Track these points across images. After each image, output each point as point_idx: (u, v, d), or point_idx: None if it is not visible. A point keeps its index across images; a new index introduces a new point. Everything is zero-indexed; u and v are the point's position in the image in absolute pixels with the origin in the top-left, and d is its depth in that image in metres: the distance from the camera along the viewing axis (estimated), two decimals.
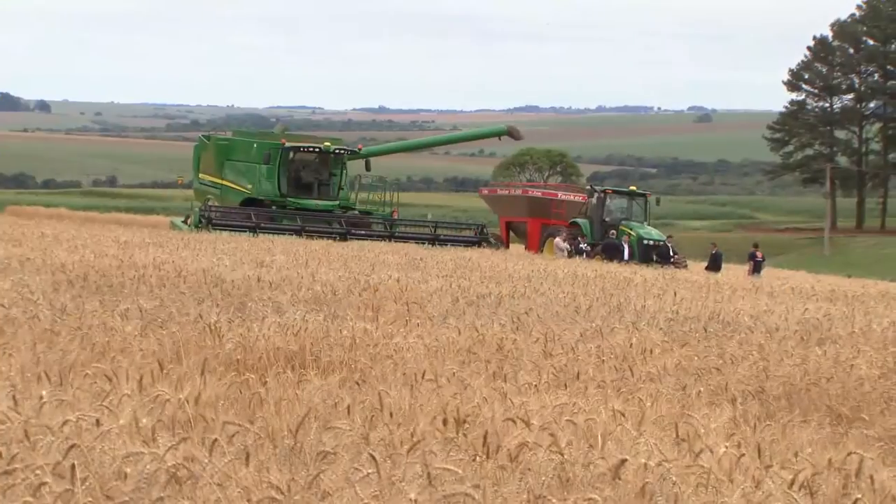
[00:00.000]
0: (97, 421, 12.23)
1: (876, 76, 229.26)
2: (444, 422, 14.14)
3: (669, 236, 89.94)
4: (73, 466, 9.99)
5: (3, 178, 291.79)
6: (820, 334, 27.07)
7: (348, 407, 14.71)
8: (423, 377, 17.59)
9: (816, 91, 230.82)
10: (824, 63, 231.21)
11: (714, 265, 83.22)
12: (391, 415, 14.46)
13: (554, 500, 10.40)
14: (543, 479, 11.47)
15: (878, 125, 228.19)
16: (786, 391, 19.17)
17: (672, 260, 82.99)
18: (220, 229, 73.46)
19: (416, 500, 9.72)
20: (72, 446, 10.64)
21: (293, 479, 10.41)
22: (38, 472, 9.75)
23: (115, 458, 10.60)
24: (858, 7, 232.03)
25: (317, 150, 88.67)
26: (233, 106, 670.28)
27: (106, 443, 11.19)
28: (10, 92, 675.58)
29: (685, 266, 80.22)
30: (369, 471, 10.88)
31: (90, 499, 9.20)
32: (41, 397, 13.43)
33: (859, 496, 11.56)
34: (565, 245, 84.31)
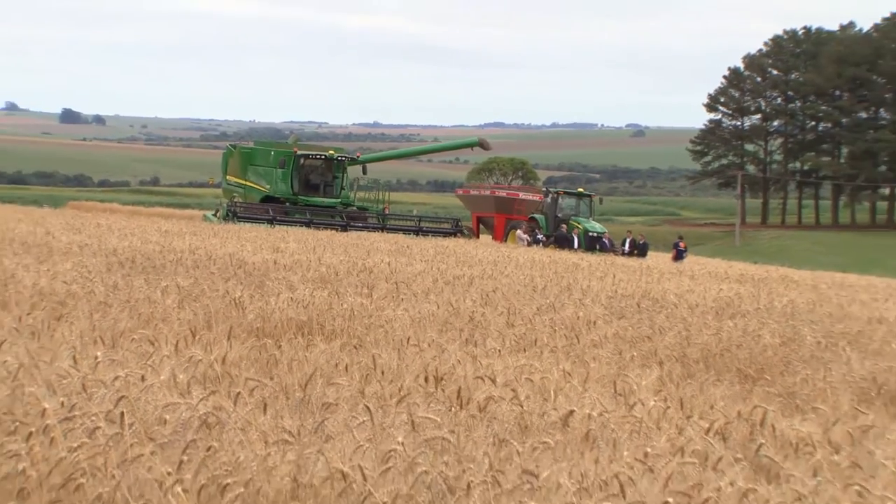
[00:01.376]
0: (142, 377, 12.21)
1: (778, 100, 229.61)
2: (426, 379, 14.12)
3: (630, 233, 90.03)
4: (122, 414, 9.96)
5: (66, 178, 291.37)
6: (732, 310, 27.08)
7: (347, 366, 14.69)
8: (408, 343, 17.57)
9: (730, 112, 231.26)
10: (737, 89, 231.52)
11: (641, 252, 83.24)
12: (382, 373, 14.45)
13: (515, 444, 10.38)
14: (506, 426, 11.46)
15: (779, 140, 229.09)
16: (703, 356, 19.16)
17: (611, 248, 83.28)
18: (244, 221, 73.41)
19: (402, 443, 9.70)
20: (121, 398, 10.62)
21: (302, 425, 10.40)
22: (93, 418, 9.71)
23: (156, 407, 10.58)
24: (765, 43, 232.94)
25: (323, 157, 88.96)
26: (254, 120, 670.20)
27: (149, 395, 11.17)
28: (72, 108, 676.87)
29: (617, 252, 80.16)
30: (364, 419, 10.86)
31: (136, 440, 9.16)
32: (96, 357, 13.38)
33: (763, 441, 11.57)
34: (525, 236, 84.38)
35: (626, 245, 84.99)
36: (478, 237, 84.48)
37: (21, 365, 12.17)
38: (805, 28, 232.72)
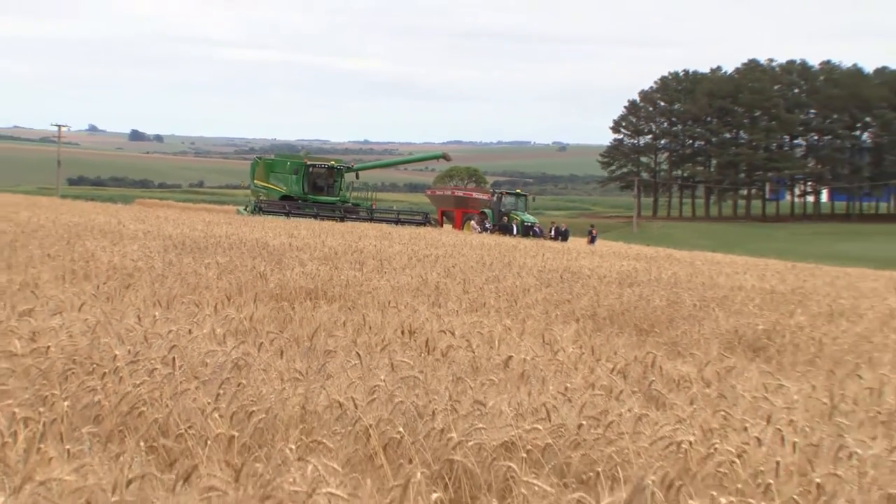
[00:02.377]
0: (189, 330, 12.15)
1: (665, 124, 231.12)
2: (402, 332, 14.09)
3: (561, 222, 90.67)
4: (173, 359, 9.93)
5: (134, 181, 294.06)
6: (630, 280, 27.09)
7: (343, 323, 14.65)
8: (389, 305, 17.53)
9: (629, 133, 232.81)
10: (634, 116, 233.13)
11: (563, 237, 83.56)
12: (370, 328, 14.41)
13: (468, 380, 10.35)
14: (462, 367, 11.43)
15: (665, 154, 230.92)
16: (609, 314, 19.17)
17: (541, 235, 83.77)
18: (267, 214, 73.77)
19: (384, 380, 9.67)
20: (173, 346, 10.56)
21: (309, 367, 10.36)
22: (152, 361, 9.67)
23: (199, 353, 10.53)
24: (655, 82, 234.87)
25: (326, 166, 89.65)
26: (275, 138, 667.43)
27: (194, 344, 11.12)
28: (138, 129, 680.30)
29: (546, 238, 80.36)
30: (356, 362, 10.83)
31: (184, 378, 9.12)
32: (155, 316, 13.32)
33: (653, 378, 11.55)
34: (477, 225, 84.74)
35: (553, 232, 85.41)
36: (442, 226, 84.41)
37: (98, 321, 12.11)
38: (685, 70, 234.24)
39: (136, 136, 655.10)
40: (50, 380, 9.13)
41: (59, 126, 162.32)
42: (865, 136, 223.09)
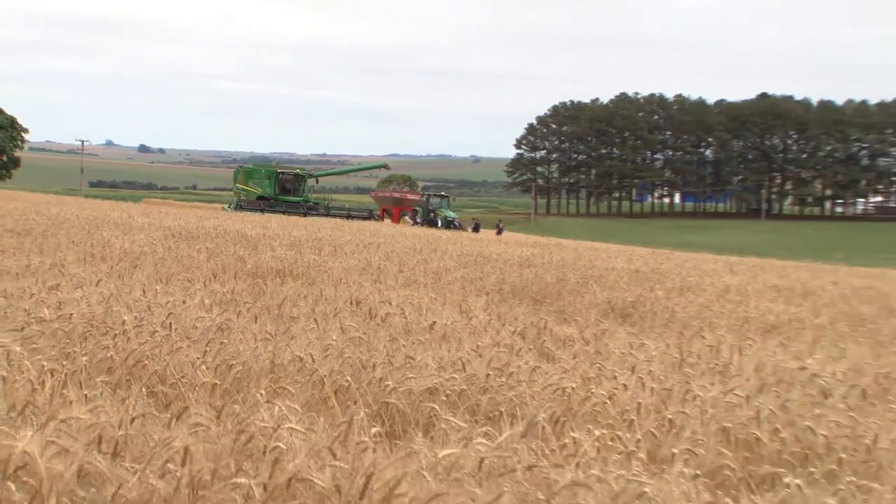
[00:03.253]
0: (183, 301, 12.04)
1: (556, 142, 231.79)
2: (351, 303, 14.03)
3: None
4: (170, 323, 9.82)
5: (141, 185, 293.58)
6: (528, 263, 27.09)
7: (305, 295, 14.55)
8: (340, 282, 17.44)
9: (528, 149, 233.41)
10: (533, 135, 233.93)
11: (475, 229, 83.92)
12: (325, 299, 14.33)
13: (401, 340, 10.31)
14: (397, 330, 11.39)
15: (556, 165, 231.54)
16: (511, 289, 19.16)
17: (459, 227, 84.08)
18: (246, 211, 73.67)
19: (335, 340, 9.62)
20: (170, 313, 10.46)
21: (277, 329, 10.28)
22: (153, 325, 9.58)
23: (191, 319, 10.42)
24: (548, 109, 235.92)
25: (292, 173, 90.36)
26: (253, 151, 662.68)
27: (187, 312, 11.01)
28: (145, 143, 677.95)
29: (464, 230, 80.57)
30: (314, 326, 10.76)
31: (178, 339, 9.02)
32: (156, 290, 13.20)
33: (545, 338, 11.57)
34: (410, 220, 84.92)
35: (472, 226, 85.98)
36: (383, 221, 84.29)
37: (111, 294, 12.00)
38: (571, 101, 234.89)
39: (143, 149, 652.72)
40: (72, 339, 9.04)
41: (83, 141, 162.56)
42: (708, 152, 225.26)
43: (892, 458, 7.01)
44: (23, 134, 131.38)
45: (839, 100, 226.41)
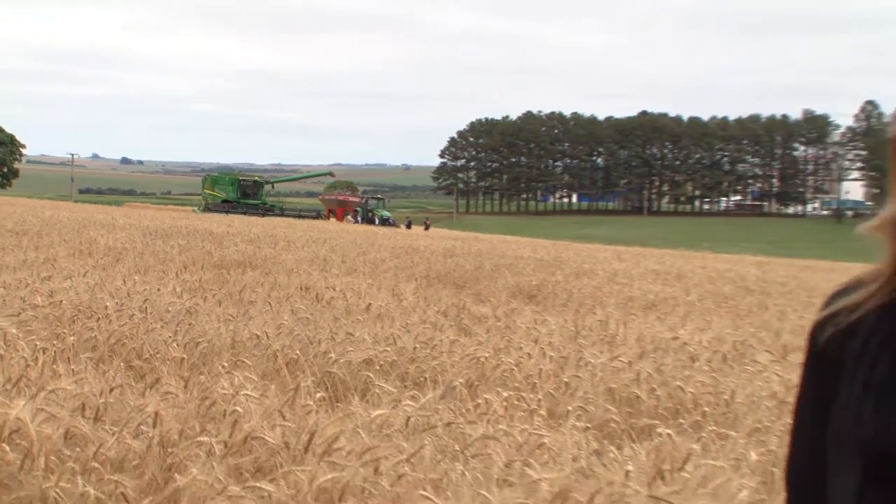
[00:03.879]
0: (158, 289, 11.91)
1: (474, 153, 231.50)
2: (301, 289, 13.95)
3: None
4: (146, 308, 9.73)
5: (123, 191, 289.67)
6: (451, 253, 27.08)
7: (262, 283, 14.46)
8: (292, 271, 17.35)
9: (451, 158, 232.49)
10: (454, 147, 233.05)
11: (407, 226, 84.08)
12: (279, 286, 14.24)
13: (343, 320, 10.28)
14: (339, 311, 11.34)
15: (474, 171, 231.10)
16: (437, 276, 19.15)
17: (393, 224, 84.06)
18: (212, 213, 73.09)
19: (287, 320, 9.57)
20: (146, 299, 10.35)
21: (237, 312, 10.21)
22: (132, 309, 9.47)
23: (164, 304, 10.31)
24: (466, 125, 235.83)
25: (252, 180, 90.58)
26: (219, 162, 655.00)
27: (161, 298, 10.89)
28: (126, 155, 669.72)
29: (398, 227, 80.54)
30: (268, 308, 10.70)
31: (153, 321, 8.92)
32: (135, 280, 13.05)
33: (463, 316, 11.58)
34: (352, 219, 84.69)
35: (406, 223, 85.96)
36: (329, 220, 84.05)
37: (96, 283, 11.84)
38: (486, 118, 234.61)
39: (125, 161, 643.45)
40: (62, 322, 8.91)
41: (72, 154, 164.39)
42: (599, 160, 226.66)
43: (746, 410, 7.11)
44: (21, 148, 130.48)
45: (705, 116, 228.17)
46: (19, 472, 4.53)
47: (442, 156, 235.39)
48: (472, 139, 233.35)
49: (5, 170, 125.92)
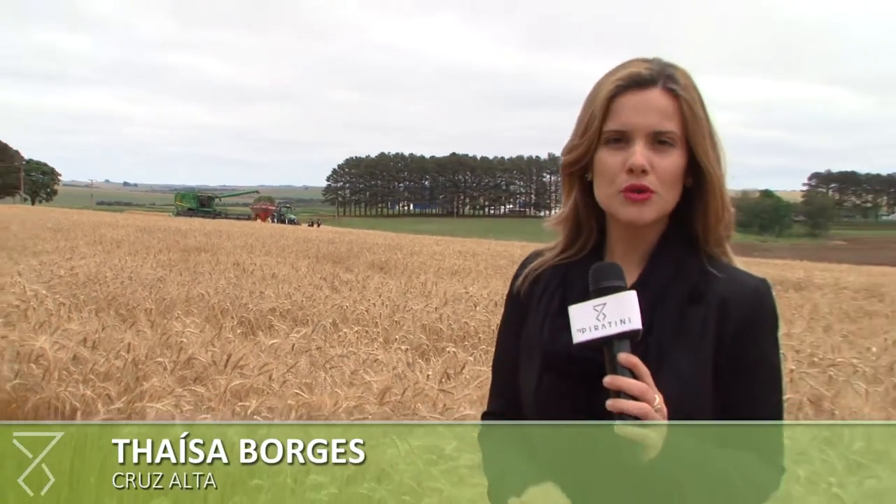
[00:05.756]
0: (141, 265, 11.41)
1: (348, 178, 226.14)
2: (234, 264, 13.51)
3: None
4: (131, 277, 9.31)
5: (122, 204, 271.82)
6: (332, 241, 26.49)
7: (210, 261, 13.94)
8: (230, 253, 16.81)
9: (334, 181, 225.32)
10: (335, 174, 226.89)
11: (309, 224, 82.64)
12: (220, 263, 13.73)
13: (258, 284, 10.03)
14: (257, 278, 11.05)
15: (349, 189, 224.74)
16: (323, 255, 18.79)
17: (297, 223, 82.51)
18: (182, 217, 70.38)
19: (223, 283, 9.30)
20: (132, 271, 9.91)
21: (191, 279, 9.86)
22: (122, 278, 9.04)
23: (145, 275, 9.87)
24: (345, 160, 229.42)
25: (207, 196, 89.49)
26: (186, 183, 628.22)
27: (143, 270, 10.42)
28: (127, 180, 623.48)
29: (299, 224, 78.96)
30: (211, 277, 10.37)
31: (137, 285, 8.56)
32: (127, 260, 12.46)
33: (336, 281, 11.42)
34: (271, 221, 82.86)
35: (310, 223, 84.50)
36: (255, 221, 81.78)
37: (101, 262, 11.27)
38: (354, 156, 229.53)
39: (126, 184, 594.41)
40: (76, 286, 8.45)
41: (91, 179, 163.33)
42: (427, 182, 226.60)
43: None
44: (58, 176, 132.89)
45: (490, 155, 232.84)
46: (41, 381, 4.39)
47: (328, 179, 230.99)
48: (347, 169, 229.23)
49: (48, 190, 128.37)
